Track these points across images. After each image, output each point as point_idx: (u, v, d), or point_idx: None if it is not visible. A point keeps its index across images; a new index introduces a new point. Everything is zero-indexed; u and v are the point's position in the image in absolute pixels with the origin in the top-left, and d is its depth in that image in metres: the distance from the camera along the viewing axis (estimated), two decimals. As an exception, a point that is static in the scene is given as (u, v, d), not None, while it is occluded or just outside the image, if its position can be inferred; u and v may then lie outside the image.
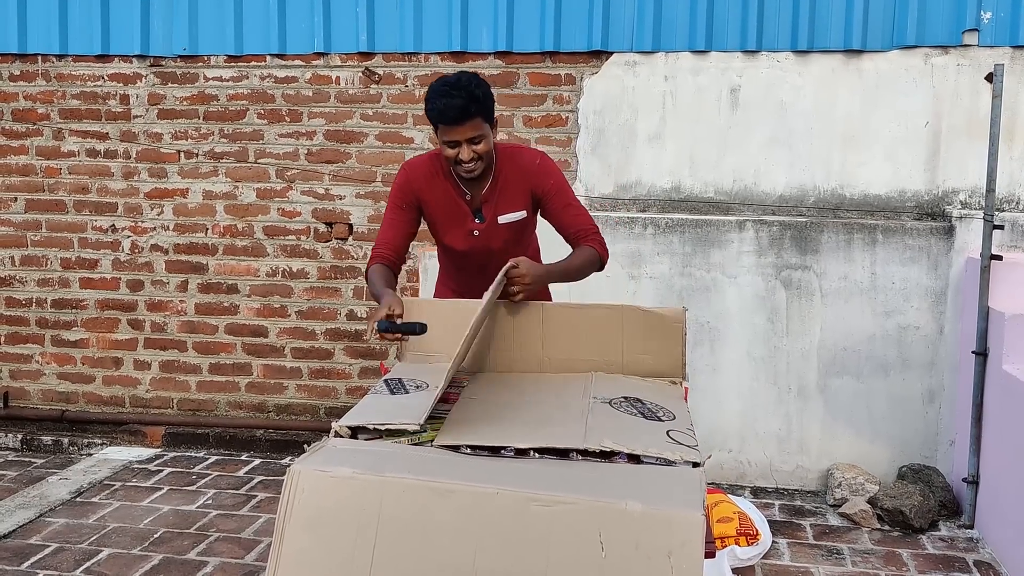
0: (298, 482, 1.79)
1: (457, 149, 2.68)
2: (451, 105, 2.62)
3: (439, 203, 2.87)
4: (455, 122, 2.64)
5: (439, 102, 2.64)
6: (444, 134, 2.69)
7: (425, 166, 2.87)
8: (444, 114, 2.64)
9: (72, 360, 4.94)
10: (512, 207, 2.85)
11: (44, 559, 3.40)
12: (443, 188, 2.85)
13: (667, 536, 1.64)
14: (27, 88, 4.80)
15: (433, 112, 2.67)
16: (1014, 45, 4.02)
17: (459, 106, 2.62)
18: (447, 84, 2.65)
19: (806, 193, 4.24)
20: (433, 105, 2.66)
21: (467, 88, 2.64)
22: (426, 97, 2.70)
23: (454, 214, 2.86)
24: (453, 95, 2.62)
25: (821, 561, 3.45)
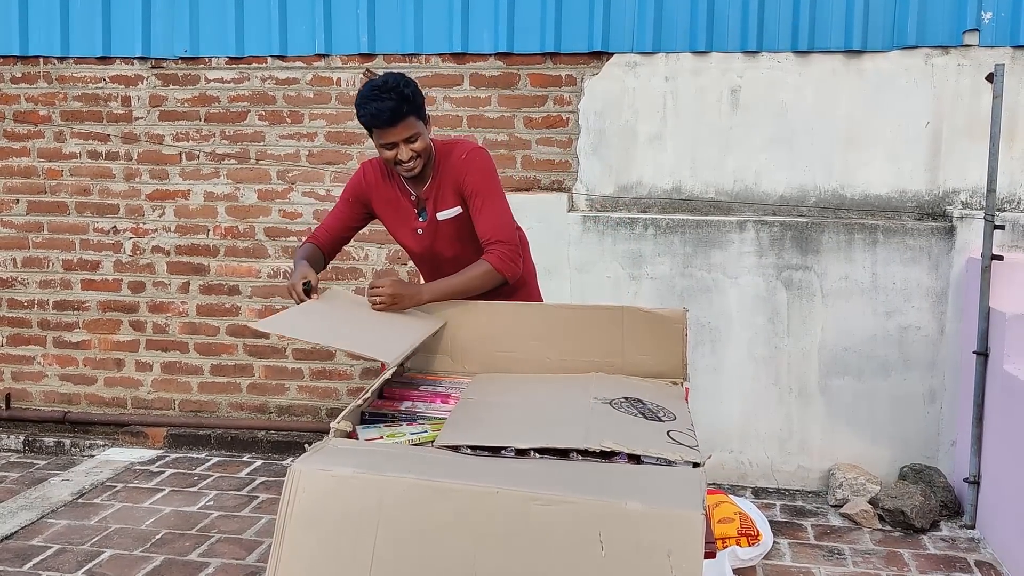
0: (299, 482, 1.79)
1: (395, 150, 2.71)
2: (382, 108, 2.65)
3: (387, 204, 2.93)
4: (388, 124, 2.67)
5: (370, 107, 2.67)
6: (380, 137, 2.71)
7: (378, 169, 2.94)
8: (377, 117, 2.67)
9: (74, 361, 4.94)
10: (447, 203, 2.87)
11: (46, 560, 3.41)
12: (390, 188, 2.91)
13: (667, 536, 1.64)
14: (29, 90, 4.81)
15: (365, 117, 2.70)
16: (1015, 45, 4.02)
17: (391, 108, 2.65)
18: (375, 88, 2.68)
19: (807, 193, 4.24)
20: (364, 110, 2.69)
21: (396, 89, 2.67)
22: (356, 104, 2.73)
23: (401, 214, 2.92)
24: (383, 98, 2.65)
25: (822, 561, 3.45)
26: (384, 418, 2.26)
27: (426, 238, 2.91)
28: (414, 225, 2.91)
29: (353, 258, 4.63)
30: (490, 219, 2.80)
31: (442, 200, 2.87)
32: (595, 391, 2.38)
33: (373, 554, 1.73)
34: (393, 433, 2.09)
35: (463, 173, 2.83)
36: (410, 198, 2.89)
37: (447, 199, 2.87)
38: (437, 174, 2.85)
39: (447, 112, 4.48)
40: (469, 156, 2.84)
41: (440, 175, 2.85)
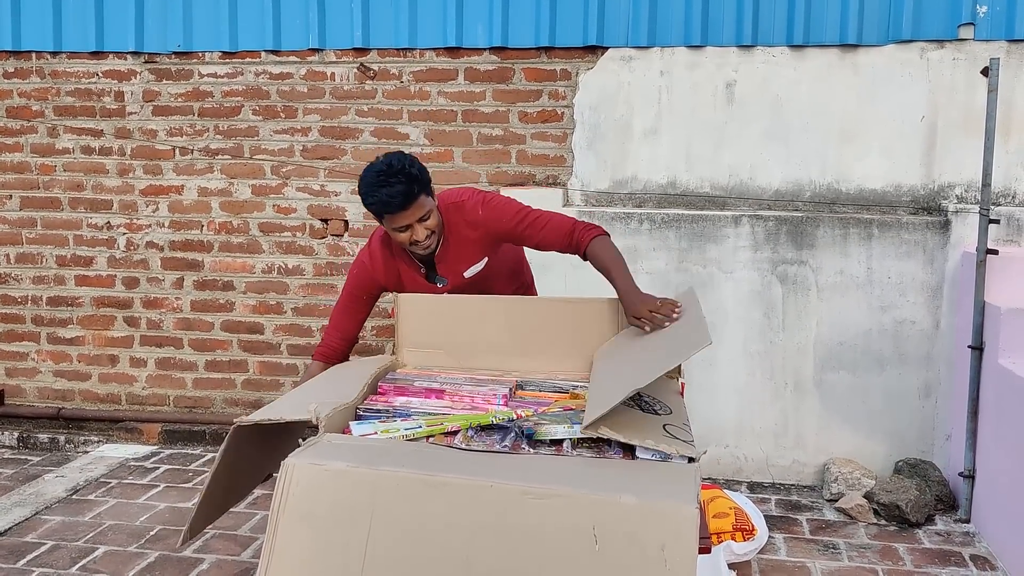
0: (292, 476, 1.79)
1: (409, 232, 2.64)
2: (393, 193, 2.56)
3: (402, 282, 2.85)
4: (401, 208, 2.59)
5: (379, 193, 2.57)
6: (392, 222, 2.63)
7: (380, 254, 2.84)
8: (388, 204, 2.58)
9: (68, 358, 4.93)
10: (471, 260, 2.81)
11: (40, 556, 3.40)
12: (402, 267, 2.83)
13: (661, 529, 1.64)
14: (21, 85, 4.79)
15: (376, 205, 2.61)
16: (1010, 39, 4.02)
17: (402, 192, 2.56)
18: (381, 173, 2.58)
19: (802, 188, 4.24)
20: (374, 197, 2.59)
21: (403, 171, 2.57)
22: (362, 191, 2.63)
23: (418, 287, 2.84)
24: (392, 183, 2.56)
25: (817, 556, 3.45)
26: (378, 414, 2.25)
27: (455, 291, 2.85)
28: (436, 291, 2.83)
29: (348, 253, 4.62)
30: (548, 227, 2.76)
31: (463, 259, 2.80)
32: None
33: (366, 548, 1.73)
34: (387, 429, 2.09)
35: (491, 224, 2.76)
36: (419, 271, 2.83)
37: (469, 256, 2.80)
38: (449, 236, 2.78)
39: (442, 107, 4.47)
40: (486, 207, 2.78)
41: (452, 236, 2.77)
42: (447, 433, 2.09)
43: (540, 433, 2.05)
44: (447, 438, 2.07)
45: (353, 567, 1.72)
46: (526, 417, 2.17)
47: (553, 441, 2.05)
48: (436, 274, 2.83)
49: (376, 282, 2.86)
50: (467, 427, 2.11)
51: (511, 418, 2.16)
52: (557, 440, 2.05)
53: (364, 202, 2.65)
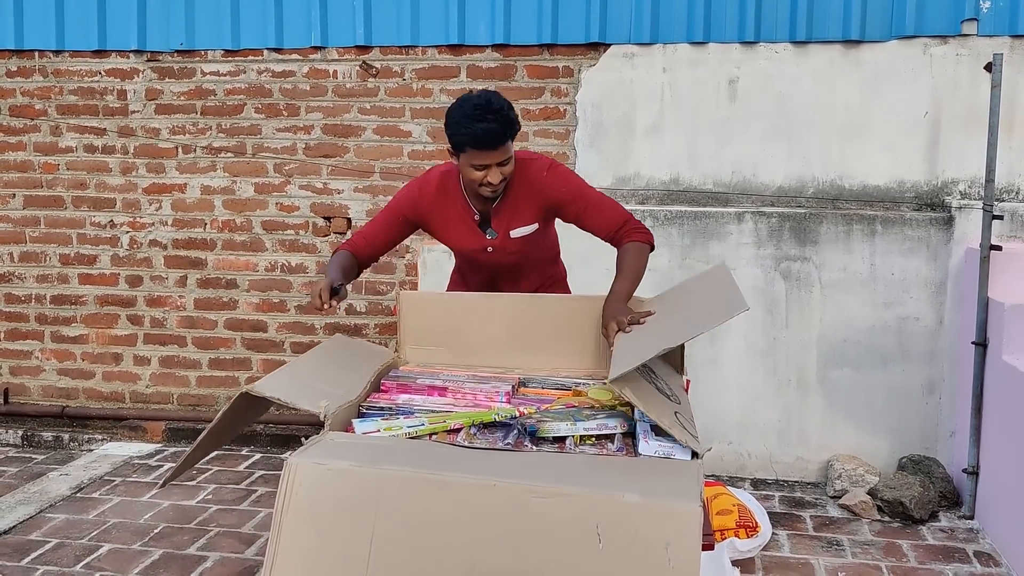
0: (296, 475, 1.79)
1: (485, 172, 2.60)
2: (488, 130, 2.51)
3: (448, 222, 2.80)
4: (490, 147, 2.54)
5: (474, 127, 2.52)
6: (474, 158, 2.58)
7: (434, 186, 2.80)
8: (480, 140, 2.53)
9: (72, 356, 4.94)
10: (523, 220, 2.78)
11: (44, 555, 3.40)
12: (452, 207, 2.78)
13: (664, 527, 1.64)
14: (24, 84, 4.80)
15: (466, 136, 2.55)
16: (1013, 35, 4.01)
17: (496, 131, 2.52)
18: (479, 108, 2.53)
19: (805, 184, 4.23)
20: (467, 130, 2.53)
21: (501, 111, 2.54)
22: (453, 119, 2.58)
23: (465, 232, 2.80)
24: (489, 119, 2.51)
25: (821, 552, 3.45)
26: (381, 412, 2.25)
27: (495, 255, 2.83)
28: (482, 243, 2.80)
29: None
30: (602, 212, 2.76)
31: (517, 218, 2.77)
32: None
33: (370, 547, 1.73)
34: (390, 427, 2.09)
35: (551, 189, 2.74)
36: (474, 217, 2.78)
37: (523, 216, 2.77)
38: (509, 190, 2.74)
39: (444, 105, 4.46)
40: (552, 171, 2.76)
41: (513, 191, 2.74)
42: (450, 431, 2.10)
43: (543, 430, 2.06)
44: (450, 436, 2.07)
45: (358, 566, 1.72)
46: (528, 415, 2.18)
47: (556, 438, 2.05)
48: (489, 225, 2.79)
49: (417, 209, 2.81)
50: (470, 425, 2.11)
51: (514, 415, 2.17)
52: (560, 437, 2.05)
53: (451, 132, 2.59)
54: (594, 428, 2.08)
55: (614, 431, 2.09)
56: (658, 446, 1.99)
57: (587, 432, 2.06)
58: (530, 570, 1.67)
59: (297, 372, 2.36)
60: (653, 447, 1.98)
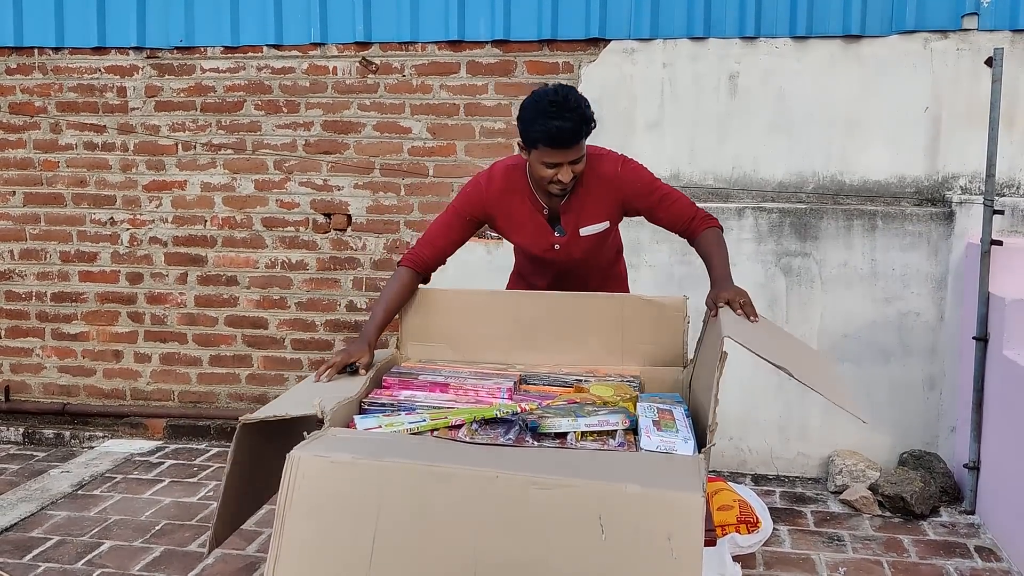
0: (298, 468, 1.79)
1: (556, 170, 2.52)
2: (564, 129, 2.43)
3: (515, 218, 2.73)
4: (564, 145, 2.47)
5: (550, 125, 2.43)
6: (546, 156, 2.50)
7: (500, 182, 2.71)
8: (556, 138, 2.45)
9: (72, 353, 4.94)
10: (594, 218, 2.72)
11: (46, 552, 3.41)
12: (519, 203, 2.71)
13: (667, 518, 1.64)
14: (24, 81, 4.79)
15: (540, 134, 2.46)
16: (1014, 29, 4.00)
17: (571, 130, 2.44)
18: (555, 104, 2.44)
19: (805, 180, 4.23)
20: (542, 127, 2.44)
21: (578, 109, 2.45)
22: (527, 115, 2.49)
23: (532, 229, 2.73)
24: (566, 117, 2.43)
25: (822, 548, 3.45)
26: (382, 408, 2.25)
27: (562, 252, 2.77)
28: (551, 240, 2.73)
29: (351, 248, 4.62)
30: (674, 205, 2.71)
31: (587, 215, 2.70)
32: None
33: (373, 539, 1.73)
34: (391, 423, 2.09)
35: (625, 185, 2.68)
36: (543, 212, 2.71)
37: (594, 214, 2.71)
38: (579, 187, 2.66)
39: (444, 100, 4.46)
40: (624, 168, 2.69)
41: (583, 188, 2.66)
42: (451, 427, 2.09)
43: (544, 426, 2.06)
44: (451, 432, 2.07)
45: (361, 559, 1.72)
46: (530, 411, 2.18)
47: (557, 434, 2.05)
48: (558, 223, 2.72)
49: (484, 206, 2.73)
50: (471, 421, 2.11)
51: (515, 411, 2.17)
52: (561, 433, 2.05)
53: (524, 127, 2.51)
54: (596, 424, 2.07)
55: (616, 427, 2.09)
56: (660, 441, 1.99)
57: (589, 428, 2.06)
58: (533, 561, 1.67)
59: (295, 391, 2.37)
60: (655, 442, 1.98)
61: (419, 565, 1.72)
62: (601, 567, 1.64)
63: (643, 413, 2.15)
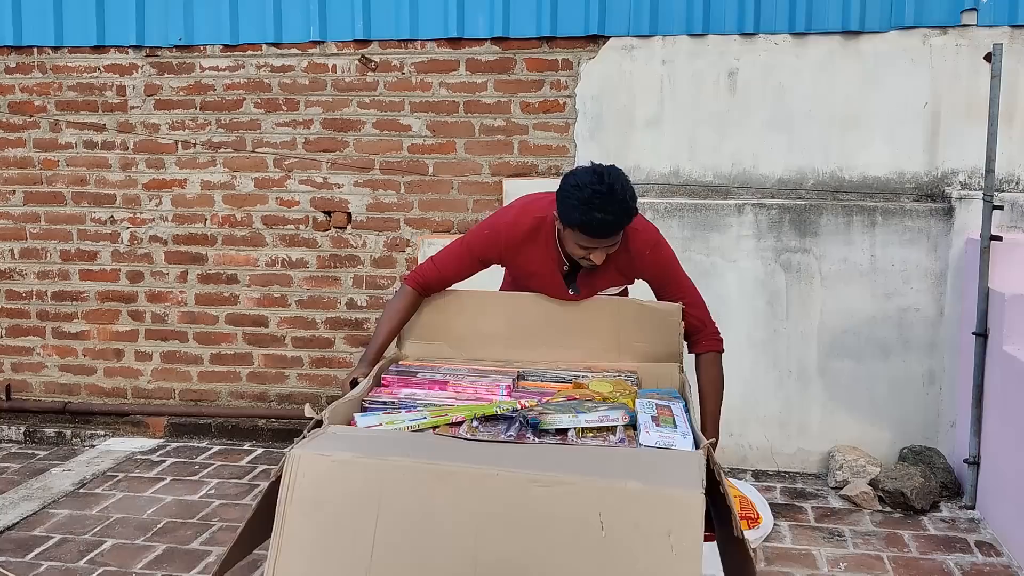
0: (298, 466, 1.79)
1: (588, 251, 2.47)
2: (607, 222, 2.36)
3: (531, 269, 2.67)
4: (603, 237, 2.41)
5: (593, 216, 2.35)
6: (582, 240, 2.43)
7: (525, 233, 2.63)
8: (597, 231, 2.38)
9: (73, 352, 4.94)
10: (612, 282, 2.70)
11: (48, 550, 3.41)
12: (540, 256, 2.64)
13: (667, 515, 1.65)
14: (23, 80, 4.79)
15: (581, 223, 2.38)
16: (1013, 24, 4.00)
17: (615, 223, 2.38)
18: (599, 195, 2.34)
19: (805, 176, 4.23)
20: (584, 217, 2.36)
21: (623, 203, 2.37)
22: (569, 201, 2.39)
23: (547, 282, 2.67)
24: (609, 211, 2.35)
25: (823, 543, 3.46)
26: (383, 406, 2.26)
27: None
28: (564, 297, 2.68)
29: (351, 245, 4.62)
30: (689, 308, 2.66)
31: (606, 279, 2.67)
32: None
33: (374, 537, 1.73)
34: (392, 420, 2.09)
35: (650, 267, 2.64)
36: (562, 269, 2.64)
37: (613, 278, 2.68)
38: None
39: (444, 98, 4.46)
40: (655, 250, 2.63)
41: (610, 257, 2.56)
42: (452, 424, 2.10)
43: (545, 423, 2.06)
44: (452, 428, 2.07)
45: (361, 557, 1.73)
46: (530, 407, 2.18)
47: (558, 431, 2.06)
48: (575, 282, 2.66)
49: (500, 253, 2.67)
50: (471, 418, 2.12)
51: (515, 408, 2.17)
52: (562, 430, 2.06)
53: (563, 209, 2.42)
54: (596, 420, 2.08)
55: (616, 423, 2.09)
56: (659, 436, 1.99)
57: (589, 424, 2.07)
58: (533, 558, 1.68)
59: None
60: (654, 438, 1.99)
61: (420, 563, 1.72)
62: (601, 564, 1.65)
63: (642, 409, 2.16)
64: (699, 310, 2.70)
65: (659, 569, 1.63)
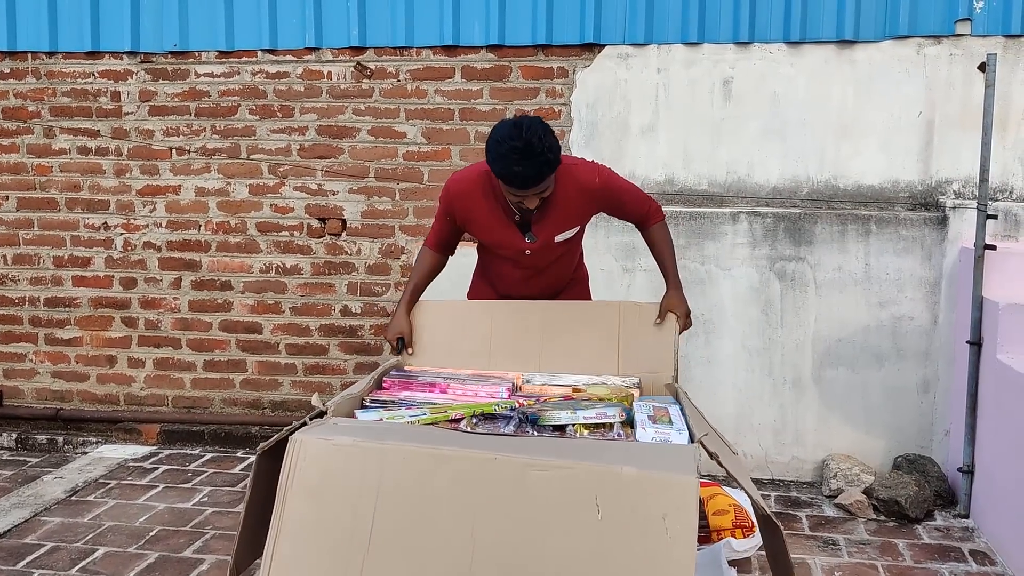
0: (300, 450, 1.81)
1: (520, 198, 2.59)
2: (525, 175, 2.48)
3: (485, 222, 2.79)
4: (524, 188, 2.52)
5: (510, 169, 2.48)
6: (509, 190, 2.57)
7: (471, 183, 2.77)
8: (514, 181, 2.51)
9: (66, 358, 4.92)
10: (567, 225, 2.79)
11: (40, 558, 3.39)
12: (490, 207, 2.76)
13: (662, 499, 1.66)
14: (17, 86, 4.78)
15: (501, 175, 2.53)
16: (1006, 34, 4.02)
17: (533, 176, 2.49)
18: (517, 151, 2.45)
19: (800, 184, 4.24)
20: (502, 170, 2.50)
21: (540, 156, 2.47)
22: (491, 154, 2.53)
23: (503, 233, 2.78)
24: (526, 164, 2.46)
25: (817, 552, 3.46)
26: (383, 404, 2.27)
27: (533, 257, 2.83)
28: (521, 247, 2.79)
29: (346, 252, 4.62)
30: (635, 201, 2.94)
31: (559, 222, 2.76)
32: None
33: (373, 519, 1.75)
34: (392, 416, 2.10)
35: (603, 194, 2.80)
36: (514, 219, 2.76)
37: (567, 220, 2.77)
38: (554, 197, 2.70)
39: (439, 105, 4.47)
40: (602, 179, 2.80)
41: (558, 197, 2.70)
42: (451, 420, 2.11)
43: (544, 419, 2.08)
44: (452, 424, 2.09)
45: (360, 539, 1.74)
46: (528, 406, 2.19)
47: (556, 427, 2.07)
48: (529, 231, 2.78)
49: (456, 208, 2.83)
50: (471, 415, 2.12)
51: (514, 407, 2.18)
52: (560, 426, 2.07)
53: (488, 161, 2.57)
54: (593, 416, 2.10)
55: (613, 420, 2.11)
56: (655, 432, 2.01)
57: (587, 421, 2.08)
58: (531, 542, 1.69)
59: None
60: (650, 434, 2.01)
61: (418, 545, 1.73)
62: (598, 547, 1.66)
63: (639, 409, 2.17)
64: (642, 199, 2.97)
65: (655, 552, 1.64)
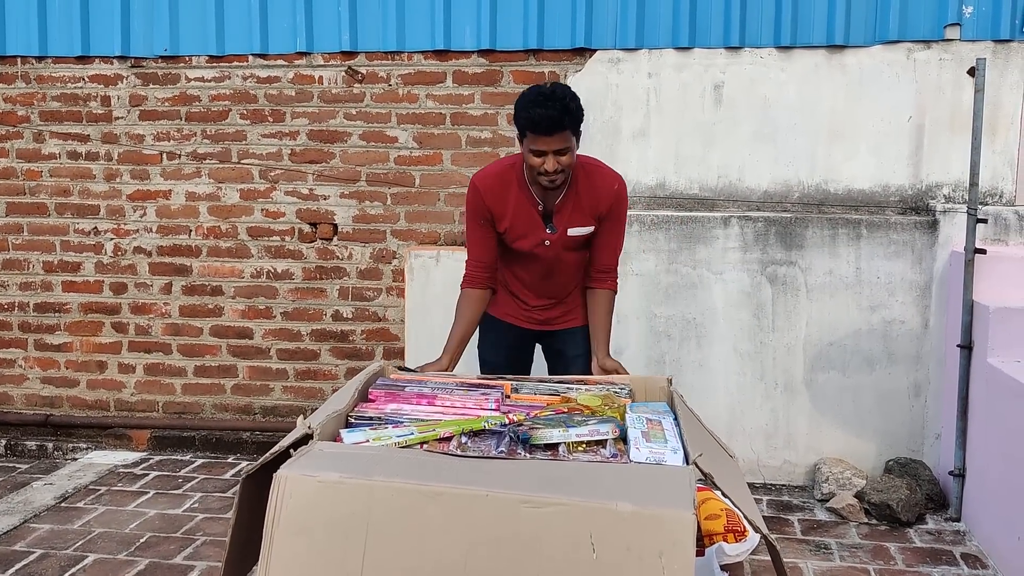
0: (285, 487, 1.77)
1: (543, 159, 2.73)
2: (545, 116, 2.65)
3: (511, 213, 2.93)
4: (547, 132, 2.68)
5: (533, 111, 2.67)
6: (532, 143, 2.72)
7: (494, 178, 2.94)
8: (537, 124, 2.67)
9: (56, 364, 4.90)
10: (583, 221, 2.94)
11: (29, 565, 3.37)
12: (516, 198, 2.92)
13: (658, 536, 1.64)
14: (6, 90, 4.76)
15: (525, 120, 2.71)
16: (996, 39, 4.04)
17: (553, 117, 2.66)
18: (542, 95, 2.68)
19: (790, 189, 4.25)
20: (527, 114, 2.69)
21: (562, 100, 2.67)
22: (518, 104, 2.74)
23: (527, 223, 2.93)
24: (548, 105, 2.66)
25: (809, 556, 3.46)
26: (369, 421, 2.23)
27: (551, 249, 2.96)
28: (542, 236, 2.94)
29: (337, 257, 4.61)
30: (614, 251, 3.04)
31: (576, 217, 2.93)
32: None
33: (363, 559, 1.72)
34: (379, 436, 2.07)
35: (613, 203, 2.93)
36: (537, 207, 2.92)
37: (581, 217, 2.93)
38: (575, 190, 2.90)
39: (431, 110, 4.46)
40: (620, 188, 2.95)
41: (579, 192, 2.90)
42: (440, 440, 2.08)
43: (536, 438, 2.05)
44: (441, 444, 2.06)
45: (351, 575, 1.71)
46: (519, 421, 2.17)
47: (548, 446, 2.05)
48: (551, 222, 2.92)
49: (483, 206, 2.94)
50: (460, 433, 2.10)
51: (504, 423, 2.16)
52: (552, 444, 2.05)
53: (516, 115, 2.76)
54: (586, 434, 2.08)
55: (606, 436, 2.09)
56: (649, 452, 1.99)
57: (579, 439, 2.06)
58: None
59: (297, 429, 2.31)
60: (644, 453, 1.99)
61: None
62: None
63: (632, 424, 2.15)
64: (617, 256, 3.06)
65: None
